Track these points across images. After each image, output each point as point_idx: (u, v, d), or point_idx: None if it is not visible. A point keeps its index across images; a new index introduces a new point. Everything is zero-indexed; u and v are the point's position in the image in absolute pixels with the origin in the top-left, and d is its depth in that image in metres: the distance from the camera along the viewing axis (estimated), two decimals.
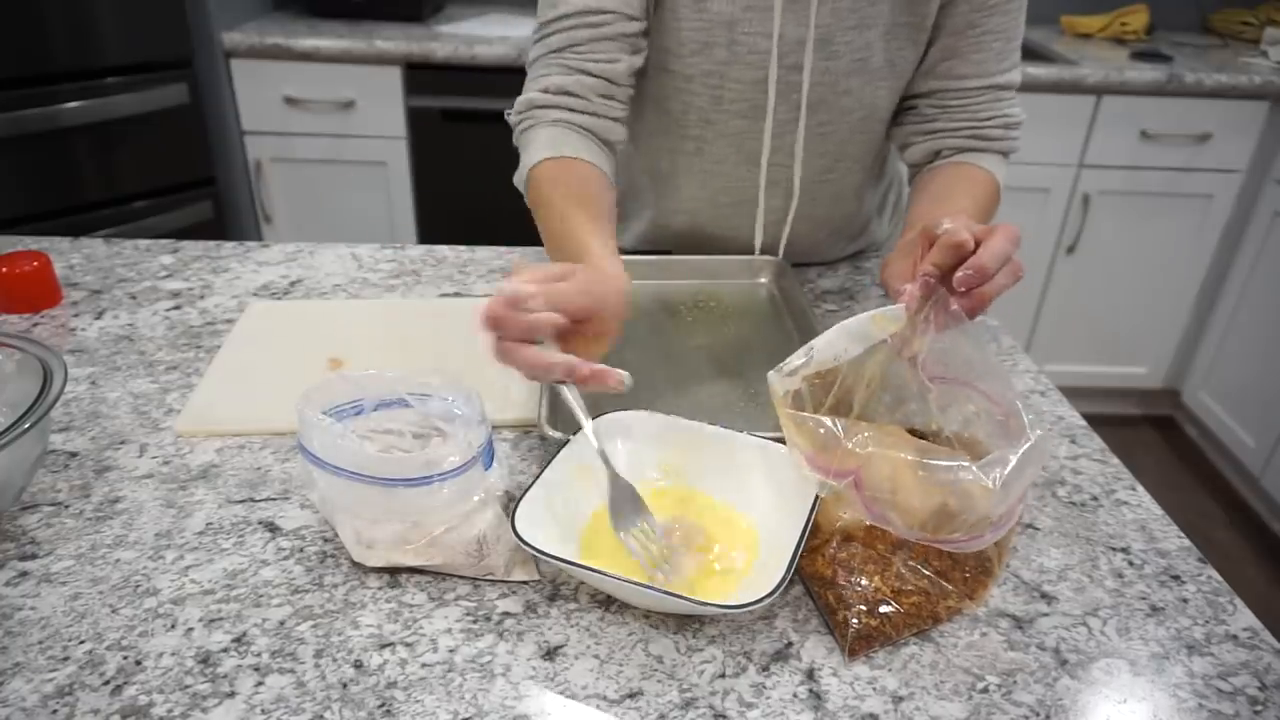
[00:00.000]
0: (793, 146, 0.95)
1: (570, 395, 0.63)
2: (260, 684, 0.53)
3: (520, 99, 0.90)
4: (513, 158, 0.91)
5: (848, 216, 1.06)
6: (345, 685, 0.53)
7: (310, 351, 0.87)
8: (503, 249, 1.12)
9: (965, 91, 0.92)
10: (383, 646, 0.56)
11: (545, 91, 0.87)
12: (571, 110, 0.87)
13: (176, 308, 0.96)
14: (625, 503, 0.62)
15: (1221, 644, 0.59)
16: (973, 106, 0.92)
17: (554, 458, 0.65)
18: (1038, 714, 0.53)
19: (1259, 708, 0.55)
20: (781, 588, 0.53)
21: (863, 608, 0.57)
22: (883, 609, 0.57)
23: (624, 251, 1.12)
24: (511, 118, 0.92)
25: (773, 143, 0.95)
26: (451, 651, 0.56)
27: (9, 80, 1.79)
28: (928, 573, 0.59)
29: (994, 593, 0.62)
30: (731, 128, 0.95)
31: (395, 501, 0.58)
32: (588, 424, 0.63)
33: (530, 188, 0.85)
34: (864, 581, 0.58)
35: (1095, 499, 0.72)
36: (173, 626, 0.57)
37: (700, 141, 0.97)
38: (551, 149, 0.84)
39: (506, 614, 0.59)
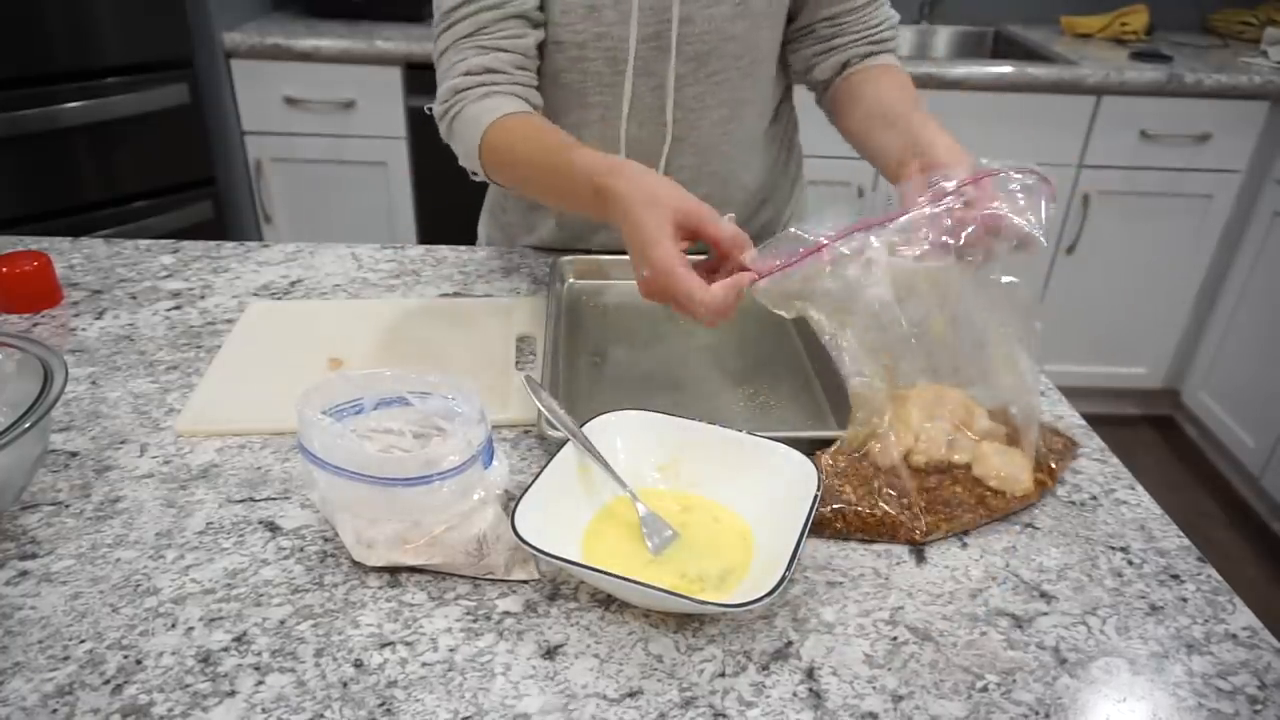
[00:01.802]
0: (690, 101, 0.98)
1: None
2: (261, 683, 0.53)
3: (442, 89, 0.92)
4: None
5: (755, 173, 1.09)
6: (345, 684, 0.54)
7: (310, 351, 0.87)
8: (503, 249, 1.12)
9: (855, 9, 0.99)
10: (383, 646, 0.56)
11: (468, 74, 0.90)
12: (498, 85, 0.90)
13: (177, 308, 0.96)
14: None
15: (1221, 643, 0.59)
16: (863, 18, 1.00)
17: (554, 457, 0.65)
18: (1037, 713, 0.54)
19: (1259, 707, 0.55)
20: (781, 587, 0.53)
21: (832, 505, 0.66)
22: (842, 509, 0.65)
23: (545, 248, 1.12)
24: (436, 109, 0.94)
25: (672, 97, 0.97)
26: (452, 651, 0.56)
27: (9, 80, 1.79)
28: (903, 504, 0.66)
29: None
30: (632, 89, 0.97)
31: (395, 501, 0.58)
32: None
33: (490, 148, 0.88)
34: (847, 489, 0.66)
35: (1095, 499, 0.72)
36: (173, 626, 0.57)
37: (603, 108, 0.99)
38: (500, 112, 0.87)
39: (506, 613, 0.59)
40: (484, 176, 0.93)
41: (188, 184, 2.11)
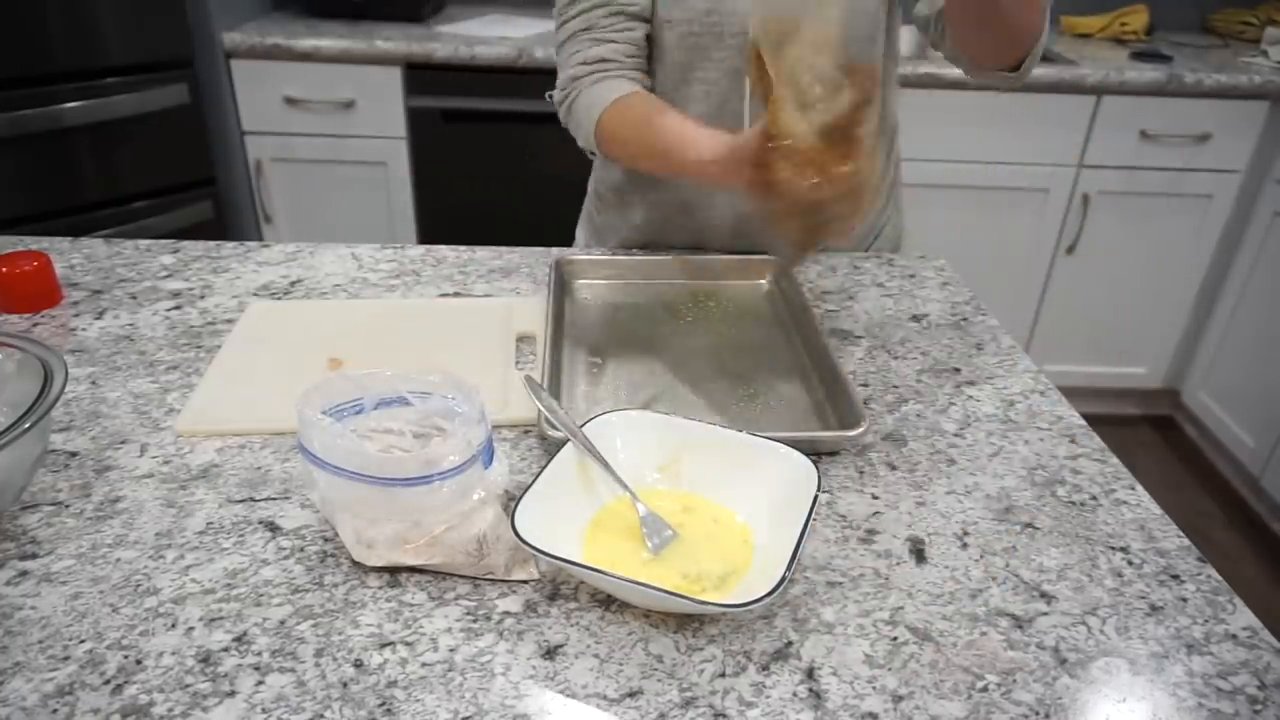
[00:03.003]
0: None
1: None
2: (261, 683, 0.53)
3: (561, 79, 1.00)
4: (512, 158, 0.93)
5: None
6: (346, 684, 0.54)
7: (310, 351, 0.87)
8: (503, 249, 1.12)
9: None
10: (383, 646, 0.56)
11: (584, 64, 0.98)
12: (609, 73, 0.97)
13: (177, 308, 0.96)
14: None
15: (1221, 643, 0.59)
16: None
17: (554, 457, 0.65)
18: (1037, 713, 0.54)
19: (1258, 707, 0.55)
20: (781, 587, 0.54)
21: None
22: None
23: (631, 245, 1.13)
24: (555, 96, 1.02)
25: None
26: (452, 651, 0.56)
27: (9, 80, 1.79)
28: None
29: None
30: (733, 64, 1.00)
31: (395, 501, 0.58)
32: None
33: (604, 131, 0.96)
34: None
35: (1094, 499, 0.72)
36: (173, 626, 0.57)
37: (708, 84, 1.02)
38: (612, 95, 0.95)
39: (506, 613, 0.59)
40: (600, 155, 1.02)
41: (188, 184, 2.11)
